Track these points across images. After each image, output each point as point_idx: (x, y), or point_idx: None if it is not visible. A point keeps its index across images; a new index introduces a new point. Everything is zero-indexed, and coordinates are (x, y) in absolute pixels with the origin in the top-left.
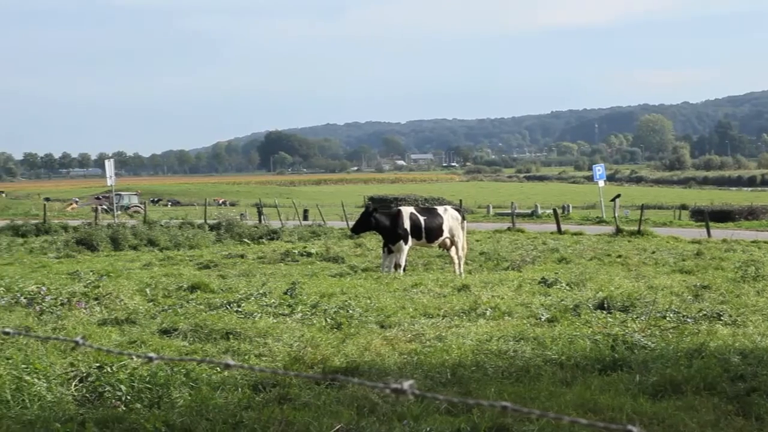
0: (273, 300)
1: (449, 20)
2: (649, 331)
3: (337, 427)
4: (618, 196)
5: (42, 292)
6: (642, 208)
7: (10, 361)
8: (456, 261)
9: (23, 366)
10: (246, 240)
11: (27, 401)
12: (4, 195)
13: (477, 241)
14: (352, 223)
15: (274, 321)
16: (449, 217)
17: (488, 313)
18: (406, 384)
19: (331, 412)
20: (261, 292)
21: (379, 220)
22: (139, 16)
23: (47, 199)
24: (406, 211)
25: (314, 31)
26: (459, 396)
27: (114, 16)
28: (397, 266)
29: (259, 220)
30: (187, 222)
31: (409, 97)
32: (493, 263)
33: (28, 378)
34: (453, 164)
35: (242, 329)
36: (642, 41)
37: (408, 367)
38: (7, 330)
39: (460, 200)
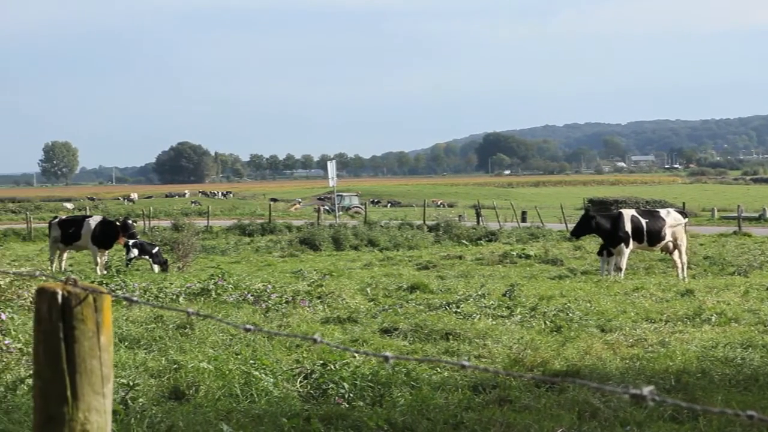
0: (492, 302)
1: (669, 17)
2: None
3: (558, 431)
4: None
5: (268, 290)
6: None
7: (239, 357)
8: (679, 265)
9: (251, 361)
10: (464, 241)
11: (255, 396)
12: (231, 195)
13: (701, 245)
14: (571, 226)
15: (493, 323)
16: (672, 220)
17: (713, 319)
18: (646, 390)
19: (552, 415)
20: (479, 293)
21: (600, 222)
22: (360, 19)
23: (273, 200)
24: (627, 213)
25: (532, 32)
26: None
27: (335, 20)
28: (617, 269)
29: (477, 222)
30: (406, 223)
31: (630, 98)
32: (718, 268)
33: (256, 373)
34: (675, 166)
35: (461, 330)
36: None
37: (630, 372)
38: (248, 326)
39: (683, 203)
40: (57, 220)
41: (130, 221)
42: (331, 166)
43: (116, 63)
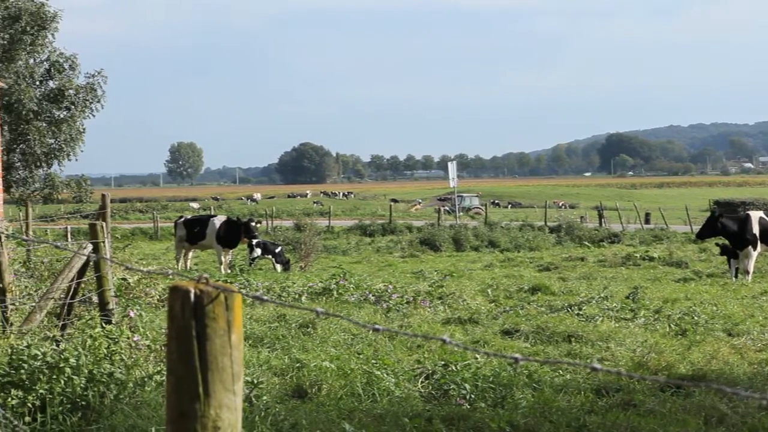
0: (614, 304)
1: None
2: None
3: None
4: None
5: (389, 290)
6: None
7: (361, 357)
8: None
9: (373, 361)
10: (586, 243)
11: (377, 395)
12: (352, 196)
13: None
14: (696, 228)
15: (616, 325)
16: None
17: None
18: None
19: (677, 420)
20: (602, 295)
21: (726, 224)
22: (480, 19)
23: (394, 200)
24: (755, 215)
25: (655, 32)
26: None
27: (454, 20)
28: (745, 272)
29: (600, 223)
30: (527, 224)
31: (758, 97)
32: None
33: (377, 373)
34: None
35: (584, 332)
36: None
37: (758, 377)
38: (377, 326)
39: None
40: (182, 219)
41: (252, 223)
42: (452, 167)
43: (241, 65)
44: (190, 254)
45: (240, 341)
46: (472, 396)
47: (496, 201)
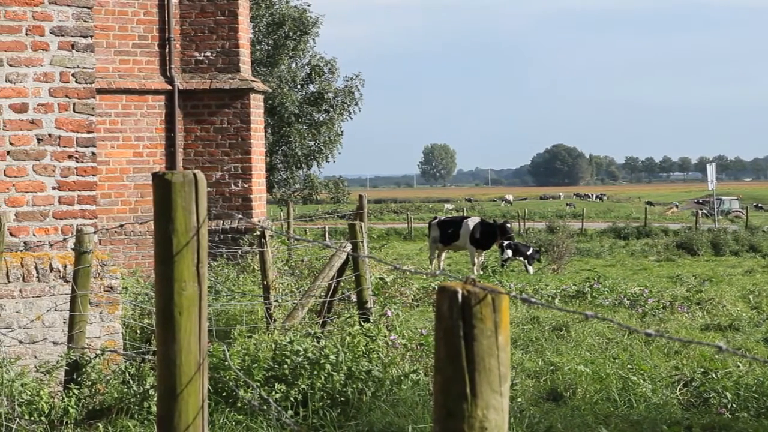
0: None
1: None
2: None
3: None
4: None
5: (644, 295)
6: None
7: (617, 361)
8: None
9: (628, 366)
10: None
11: (633, 401)
12: (605, 198)
13: None
14: None
15: None
16: None
17: None
18: None
19: None
20: None
21: None
22: (743, 14)
23: (649, 203)
24: None
25: None
26: None
27: (716, 17)
28: None
29: None
30: None
31: None
32: None
33: (633, 378)
34: None
35: None
36: None
37: None
38: (648, 332)
39: None
40: (436, 220)
41: (508, 224)
42: (710, 169)
43: (493, 67)
44: (444, 255)
45: (507, 343)
46: (734, 405)
47: (759, 204)
